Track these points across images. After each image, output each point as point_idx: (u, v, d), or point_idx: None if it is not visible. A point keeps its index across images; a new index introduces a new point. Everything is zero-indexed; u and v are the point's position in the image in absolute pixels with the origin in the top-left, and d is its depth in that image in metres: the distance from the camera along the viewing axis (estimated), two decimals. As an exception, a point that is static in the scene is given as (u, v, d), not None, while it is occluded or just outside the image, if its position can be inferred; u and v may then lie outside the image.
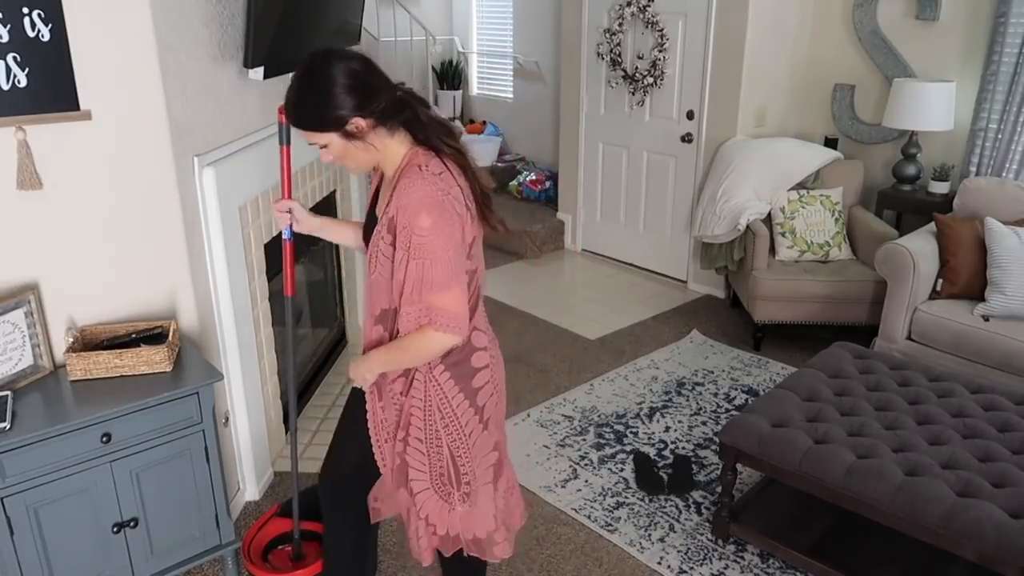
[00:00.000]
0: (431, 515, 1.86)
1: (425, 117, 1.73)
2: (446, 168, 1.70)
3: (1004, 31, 3.71)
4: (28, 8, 1.93)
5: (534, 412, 3.41)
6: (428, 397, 1.79)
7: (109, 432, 2.03)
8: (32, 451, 1.93)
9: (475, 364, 1.83)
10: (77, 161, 2.12)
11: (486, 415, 1.86)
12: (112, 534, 2.12)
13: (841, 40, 4.44)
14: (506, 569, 2.50)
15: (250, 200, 2.67)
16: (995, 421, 2.48)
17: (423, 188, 1.64)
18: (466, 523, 1.88)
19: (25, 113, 1.99)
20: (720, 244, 4.20)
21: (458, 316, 1.69)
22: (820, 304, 3.81)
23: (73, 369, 2.12)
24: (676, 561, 2.54)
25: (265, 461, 2.89)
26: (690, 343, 4.10)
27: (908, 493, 2.13)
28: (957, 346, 3.24)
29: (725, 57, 4.33)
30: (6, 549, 1.94)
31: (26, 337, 2.11)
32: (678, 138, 4.68)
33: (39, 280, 2.17)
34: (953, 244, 3.38)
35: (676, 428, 3.30)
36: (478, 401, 1.83)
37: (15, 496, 1.93)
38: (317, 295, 3.73)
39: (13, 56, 1.94)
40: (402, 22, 6.23)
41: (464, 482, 1.84)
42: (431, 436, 1.80)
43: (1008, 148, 3.81)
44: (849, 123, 4.49)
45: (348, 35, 3.41)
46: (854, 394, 2.63)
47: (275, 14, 2.55)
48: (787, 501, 2.69)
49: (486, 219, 1.83)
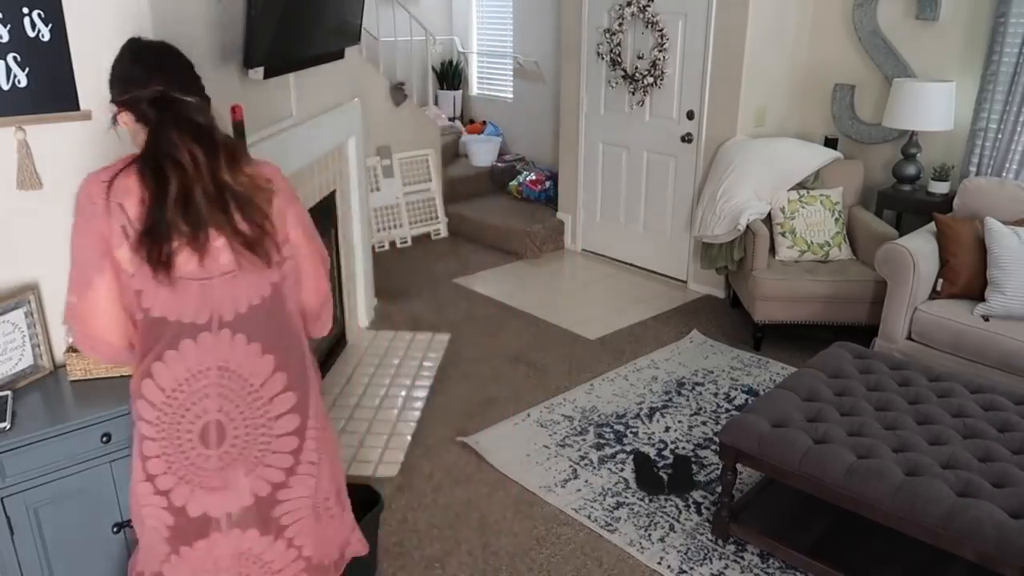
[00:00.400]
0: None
1: (167, 132, 1.53)
2: (118, 181, 1.56)
3: (1004, 31, 3.71)
4: (28, 8, 1.93)
5: (534, 412, 3.41)
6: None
7: (109, 432, 2.03)
8: (32, 451, 1.92)
9: (141, 431, 1.62)
10: (77, 161, 2.12)
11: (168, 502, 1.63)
12: (112, 534, 2.12)
13: (841, 40, 4.44)
14: (506, 569, 2.50)
15: (250, 200, 2.66)
16: (995, 421, 2.48)
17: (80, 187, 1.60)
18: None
19: (25, 113, 1.99)
20: (720, 244, 4.20)
21: (78, 317, 1.60)
22: (820, 304, 3.81)
23: (73, 369, 2.12)
24: (676, 561, 2.54)
25: (265, 461, 2.88)
26: (690, 343, 4.10)
27: (908, 493, 2.13)
28: (957, 346, 3.24)
29: (725, 57, 4.33)
30: (6, 549, 1.94)
31: (26, 337, 2.11)
32: (678, 138, 4.68)
33: (39, 280, 2.16)
34: (953, 244, 3.38)
35: (676, 428, 3.30)
36: (149, 470, 1.64)
37: (15, 496, 1.93)
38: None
39: (13, 56, 1.94)
40: (402, 22, 6.23)
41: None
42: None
43: (1008, 148, 3.81)
44: (849, 123, 4.49)
45: (348, 35, 3.41)
46: (854, 394, 2.63)
47: (275, 14, 2.55)
48: (787, 501, 2.69)
49: (149, 257, 1.52)
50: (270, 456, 1.66)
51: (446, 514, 2.76)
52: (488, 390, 3.60)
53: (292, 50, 2.80)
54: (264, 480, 1.66)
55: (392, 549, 2.59)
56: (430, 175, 5.82)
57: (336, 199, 3.74)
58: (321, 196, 3.44)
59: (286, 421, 1.67)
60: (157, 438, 1.60)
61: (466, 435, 3.23)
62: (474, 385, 3.64)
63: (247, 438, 1.63)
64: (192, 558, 1.65)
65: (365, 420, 3.33)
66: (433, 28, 6.66)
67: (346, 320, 3.97)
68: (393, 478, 2.95)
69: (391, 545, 2.61)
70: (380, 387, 3.60)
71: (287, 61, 2.81)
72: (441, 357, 3.89)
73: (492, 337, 4.15)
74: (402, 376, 3.70)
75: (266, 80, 2.70)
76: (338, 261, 3.85)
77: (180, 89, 1.58)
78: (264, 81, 2.70)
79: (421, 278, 4.99)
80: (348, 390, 3.57)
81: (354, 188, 3.97)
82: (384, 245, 5.56)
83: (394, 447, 3.14)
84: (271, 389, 1.64)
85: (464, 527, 2.70)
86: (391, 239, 5.61)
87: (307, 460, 1.72)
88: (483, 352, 3.97)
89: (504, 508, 2.80)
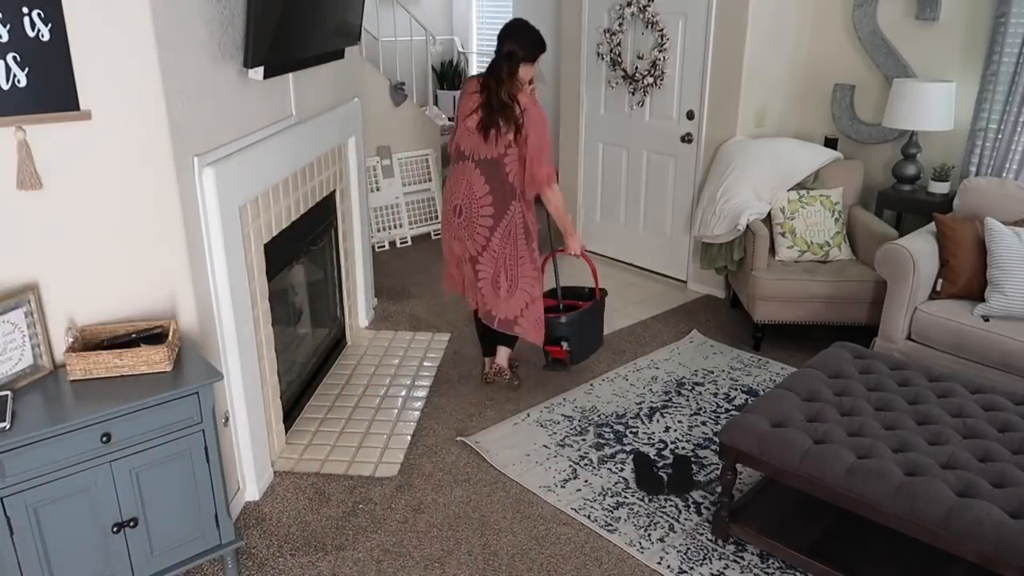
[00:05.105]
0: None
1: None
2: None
3: (1004, 31, 3.71)
4: (28, 8, 1.93)
5: (534, 412, 3.41)
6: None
7: (109, 432, 2.03)
8: (32, 451, 1.93)
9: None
10: (77, 161, 2.12)
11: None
12: (112, 534, 2.12)
13: (841, 40, 4.44)
14: (506, 569, 2.50)
15: (250, 200, 2.67)
16: (995, 421, 2.48)
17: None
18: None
19: (25, 113, 1.99)
20: (720, 244, 4.20)
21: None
22: (820, 304, 3.81)
23: (73, 369, 2.12)
24: (676, 561, 2.54)
25: (265, 461, 2.89)
26: (690, 343, 4.10)
27: (908, 493, 2.13)
28: (957, 346, 3.24)
29: (725, 57, 4.33)
30: (6, 549, 1.95)
31: (26, 337, 2.11)
32: (678, 138, 4.68)
33: (39, 280, 2.17)
34: (953, 244, 3.38)
35: (676, 428, 3.30)
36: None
37: (15, 496, 1.93)
38: (317, 295, 3.73)
39: (13, 56, 1.94)
40: (402, 22, 6.23)
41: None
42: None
43: (1008, 148, 3.81)
44: (849, 123, 4.49)
45: (348, 35, 3.41)
46: (854, 394, 2.63)
47: (275, 14, 2.55)
48: (787, 501, 2.69)
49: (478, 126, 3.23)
50: (475, 232, 3.27)
51: (446, 514, 2.76)
52: (488, 390, 3.60)
53: (292, 50, 2.80)
54: (473, 243, 3.29)
55: (392, 549, 2.59)
56: (430, 175, 5.82)
57: (336, 199, 3.74)
58: (321, 196, 3.44)
59: (484, 219, 3.25)
60: (442, 212, 3.40)
61: (466, 435, 3.23)
62: (474, 385, 3.64)
63: (470, 217, 3.25)
64: (448, 256, 3.50)
65: (365, 420, 3.33)
66: (433, 28, 6.66)
67: (346, 320, 3.97)
68: (393, 478, 2.95)
69: (391, 545, 2.61)
70: (380, 387, 3.60)
71: (287, 61, 2.81)
72: (441, 357, 3.89)
73: (492, 337, 4.14)
74: (402, 376, 3.70)
75: (266, 80, 2.70)
76: (338, 261, 3.85)
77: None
78: (264, 81, 2.70)
79: (421, 278, 4.99)
80: (348, 390, 3.57)
81: (354, 188, 3.97)
82: (384, 245, 5.56)
83: (394, 447, 3.14)
84: (483, 200, 3.23)
85: (464, 527, 2.70)
86: (391, 239, 5.61)
87: (494, 249, 3.28)
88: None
89: (504, 508, 2.80)
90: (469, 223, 3.25)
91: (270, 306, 2.90)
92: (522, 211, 3.27)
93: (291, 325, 3.44)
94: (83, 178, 2.14)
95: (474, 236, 3.27)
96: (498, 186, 3.20)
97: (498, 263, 3.30)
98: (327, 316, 3.85)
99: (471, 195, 3.22)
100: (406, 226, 5.67)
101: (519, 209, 3.25)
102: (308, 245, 3.39)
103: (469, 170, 3.21)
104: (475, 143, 3.19)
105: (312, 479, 2.94)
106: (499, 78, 3.14)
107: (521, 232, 3.30)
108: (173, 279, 2.34)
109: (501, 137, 3.14)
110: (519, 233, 3.29)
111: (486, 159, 3.19)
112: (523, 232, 3.30)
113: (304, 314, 3.61)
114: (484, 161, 3.19)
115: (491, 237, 3.25)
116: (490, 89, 3.14)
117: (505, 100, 3.11)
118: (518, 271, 3.32)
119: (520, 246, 3.31)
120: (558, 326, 3.48)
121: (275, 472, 2.97)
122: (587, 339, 3.61)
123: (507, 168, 3.19)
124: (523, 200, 3.27)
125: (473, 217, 3.24)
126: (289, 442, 3.15)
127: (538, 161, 3.18)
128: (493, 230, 3.24)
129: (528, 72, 3.21)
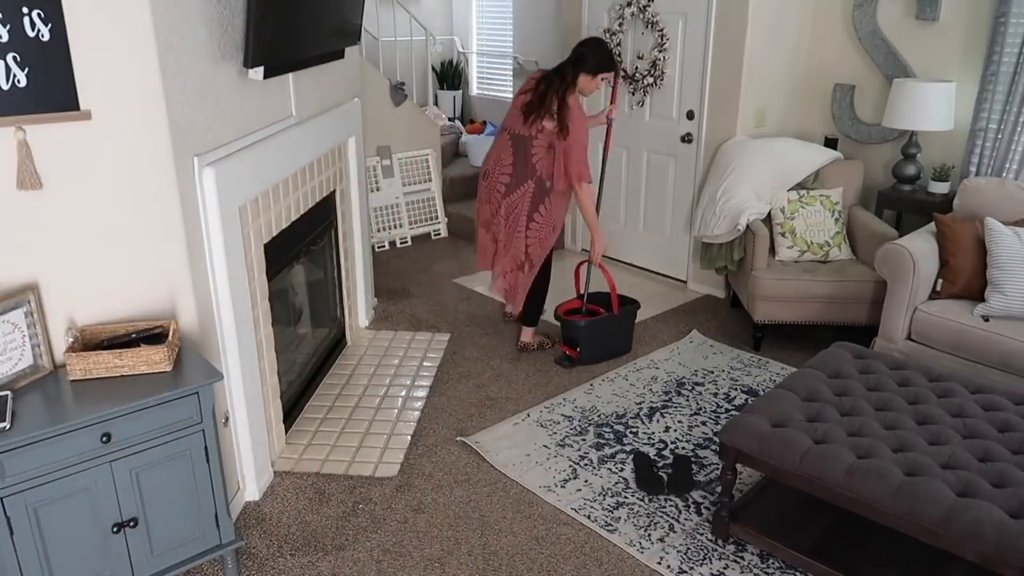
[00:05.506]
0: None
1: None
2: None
3: (1004, 31, 3.71)
4: (28, 8, 1.93)
5: (534, 412, 3.41)
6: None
7: (109, 432, 2.03)
8: (32, 451, 1.93)
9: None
10: (77, 161, 2.12)
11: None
12: (112, 534, 2.12)
13: (841, 40, 4.45)
14: (506, 569, 2.50)
15: (250, 200, 2.67)
16: (995, 421, 2.48)
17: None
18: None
19: (25, 113, 1.99)
20: (720, 244, 4.20)
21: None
22: (820, 304, 3.81)
23: (73, 369, 2.12)
24: (676, 561, 2.54)
25: (265, 461, 2.89)
26: (690, 343, 4.10)
27: (908, 493, 2.13)
28: (957, 346, 3.24)
29: (725, 57, 4.33)
30: (6, 549, 1.95)
31: (26, 337, 2.11)
32: (678, 138, 4.68)
33: (39, 280, 2.17)
34: (953, 244, 3.38)
35: (676, 428, 3.30)
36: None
37: (15, 496, 1.93)
38: (317, 295, 3.73)
39: (13, 56, 1.94)
40: (402, 22, 6.23)
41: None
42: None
43: (1008, 148, 3.81)
44: (849, 123, 4.49)
45: (348, 35, 3.41)
46: (854, 394, 2.63)
47: (275, 14, 2.55)
48: (787, 501, 2.69)
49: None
50: (492, 194, 3.72)
51: (446, 514, 2.76)
52: (488, 390, 3.60)
53: (292, 50, 2.80)
54: (491, 204, 3.75)
55: (392, 549, 2.59)
56: (430, 175, 5.82)
57: (336, 199, 3.74)
58: (321, 196, 3.44)
59: (500, 185, 3.68)
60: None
61: (466, 435, 3.23)
62: (474, 385, 3.65)
63: (492, 181, 3.72)
64: (478, 225, 3.91)
65: (365, 420, 3.33)
66: (433, 28, 6.66)
67: (346, 320, 3.97)
68: (393, 478, 2.95)
69: (391, 545, 2.61)
70: (380, 387, 3.60)
71: (287, 61, 2.81)
72: (441, 357, 3.89)
73: (492, 337, 4.15)
74: (402, 376, 3.70)
75: (266, 80, 2.70)
76: (338, 261, 3.85)
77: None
78: (264, 81, 2.71)
79: (421, 278, 4.99)
80: (348, 390, 3.57)
81: (354, 188, 3.97)
82: (384, 245, 5.56)
83: (394, 447, 3.14)
84: (505, 169, 3.64)
85: (464, 527, 2.70)
86: (391, 239, 5.61)
87: (502, 213, 3.69)
88: (483, 352, 3.97)
89: (504, 508, 2.80)
90: (490, 186, 3.73)
91: (270, 306, 2.90)
92: (533, 193, 3.60)
93: (291, 325, 3.44)
94: (83, 178, 2.14)
95: (492, 197, 3.72)
96: (521, 161, 3.59)
97: (500, 229, 3.75)
98: (327, 316, 3.85)
99: (499, 162, 3.68)
100: (406, 226, 5.67)
101: (531, 189, 3.60)
102: (308, 245, 3.39)
103: (503, 141, 3.67)
104: (516, 120, 3.61)
105: (312, 479, 2.94)
106: (562, 76, 3.53)
107: (524, 213, 3.64)
108: (173, 279, 2.34)
109: (538, 121, 3.52)
110: (522, 212, 3.64)
111: (519, 135, 3.60)
112: (526, 214, 3.64)
113: (304, 314, 3.61)
114: (517, 136, 3.61)
115: (502, 202, 3.68)
116: (549, 81, 3.54)
117: (555, 94, 3.49)
118: (511, 242, 3.72)
119: (520, 223, 3.66)
120: (573, 328, 3.79)
121: (275, 472, 2.97)
122: (601, 344, 3.88)
123: (533, 148, 3.56)
124: (551, 192, 3.63)
125: (493, 182, 3.70)
126: (289, 442, 3.15)
127: (570, 156, 3.52)
128: (505, 196, 3.66)
129: (588, 84, 3.57)
